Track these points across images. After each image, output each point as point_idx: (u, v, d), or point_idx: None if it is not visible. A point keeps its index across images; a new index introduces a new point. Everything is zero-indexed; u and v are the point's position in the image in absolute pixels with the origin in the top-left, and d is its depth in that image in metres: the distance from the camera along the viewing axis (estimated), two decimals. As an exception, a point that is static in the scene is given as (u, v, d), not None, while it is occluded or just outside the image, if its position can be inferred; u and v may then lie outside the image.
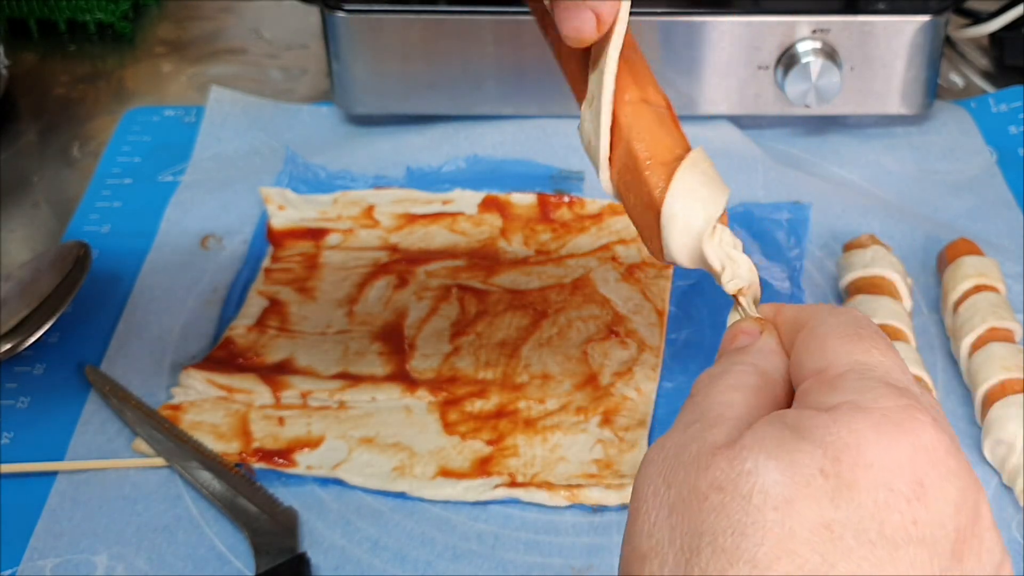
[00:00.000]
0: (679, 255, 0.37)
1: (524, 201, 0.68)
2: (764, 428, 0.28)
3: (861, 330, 0.31)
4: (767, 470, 0.27)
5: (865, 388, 0.28)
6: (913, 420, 0.27)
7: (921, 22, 0.68)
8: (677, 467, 0.28)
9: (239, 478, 0.53)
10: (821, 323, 0.31)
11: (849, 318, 0.31)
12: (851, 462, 0.26)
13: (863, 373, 0.29)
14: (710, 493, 0.27)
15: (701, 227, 0.37)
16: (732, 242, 0.37)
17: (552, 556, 0.50)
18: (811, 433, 0.27)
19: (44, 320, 0.59)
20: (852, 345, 0.30)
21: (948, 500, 0.27)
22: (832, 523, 0.26)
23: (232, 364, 0.59)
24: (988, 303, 0.57)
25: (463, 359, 0.59)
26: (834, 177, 0.71)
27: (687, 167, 0.37)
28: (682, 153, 0.38)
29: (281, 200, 0.68)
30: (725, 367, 0.32)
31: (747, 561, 0.25)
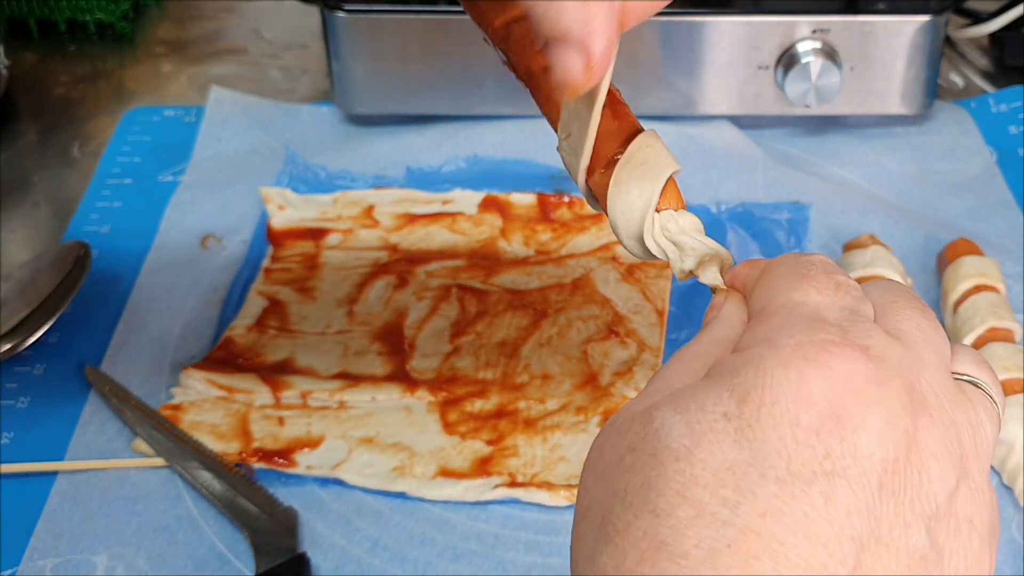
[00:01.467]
0: (637, 253, 0.37)
1: (524, 201, 0.68)
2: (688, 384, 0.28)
3: (807, 269, 0.30)
4: (673, 424, 0.27)
5: (785, 325, 0.28)
6: (826, 352, 0.27)
7: (921, 22, 0.68)
8: (607, 437, 0.29)
9: (239, 478, 0.53)
10: (776, 265, 0.31)
11: (803, 260, 0.31)
12: (756, 402, 0.26)
13: (791, 311, 0.29)
14: (625, 455, 0.27)
15: (636, 226, 0.36)
16: (676, 227, 0.36)
17: (552, 556, 0.50)
18: (721, 378, 0.27)
19: (44, 320, 0.59)
20: (791, 283, 0.30)
21: (869, 429, 0.26)
22: (735, 464, 0.25)
23: (232, 364, 0.59)
24: (988, 303, 0.57)
25: (463, 359, 0.59)
26: (834, 177, 0.71)
27: (620, 167, 0.36)
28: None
29: (281, 200, 0.68)
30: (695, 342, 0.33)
31: (650, 511, 0.26)
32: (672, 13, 0.68)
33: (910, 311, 0.30)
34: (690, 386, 0.28)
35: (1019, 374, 0.53)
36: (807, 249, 0.64)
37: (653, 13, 0.39)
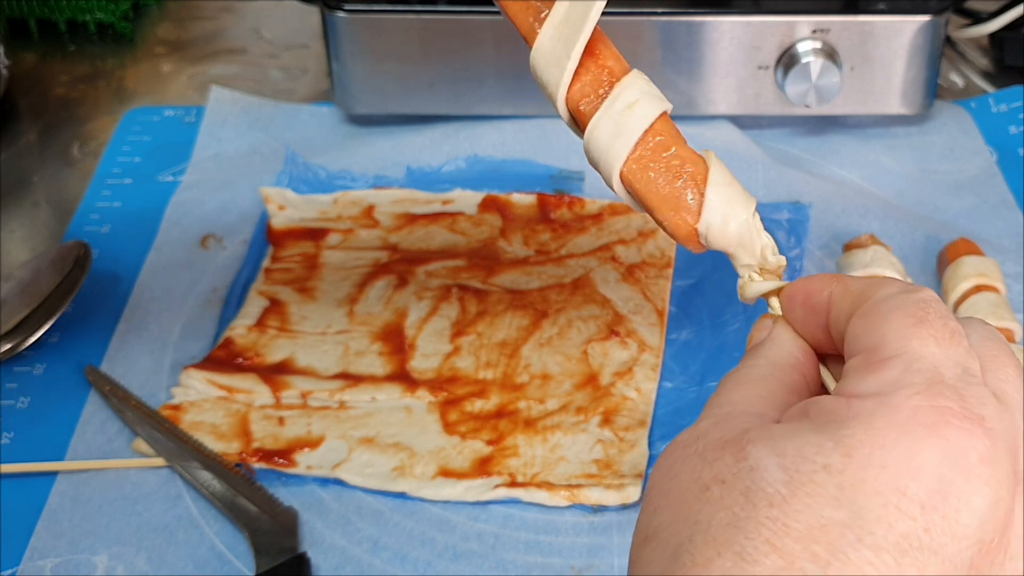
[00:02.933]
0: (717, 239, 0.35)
1: (524, 201, 0.68)
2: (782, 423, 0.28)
3: (924, 312, 0.28)
4: (769, 466, 0.26)
5: (903, 382, 0.27)
6: (944, 423, 0.26)
7: (921, 22, 0.68)
8: (686, 460, 0.28)
9: (239, 478, 0.53)
10: (887, 298, 0.29)
11: (918, 297, 0.29)
12: (863, 461, 0.25)
13: (909, 364, 0.27)
14: (712, 485, 0.27)
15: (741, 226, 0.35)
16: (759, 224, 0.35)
17: (552, 556, 0.50)
18: (828, 426, 0.26)
19: (44, 320, 0.59)
20: (911, 328, 0.28)
21: (973, 511, 0.25)
22: (831, 522, 0.25)
23: (232, 364, 0.59)
24: (988, 303, 0.57)
25: (463, 359, 0.59)
26: (834, 177, 0.71)
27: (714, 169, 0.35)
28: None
29: (281, 200, 0.68)
30: (741, 365, 0.32)
31: (736, 553, 0.25)
32: (672, 13, 0.68)
33: (1011, 369, 0.29)
34: (789, 427, 0.27)
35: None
36: (807, 249, 0.64)
37: None
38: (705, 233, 0.35)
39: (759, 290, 0.35)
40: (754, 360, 0.32)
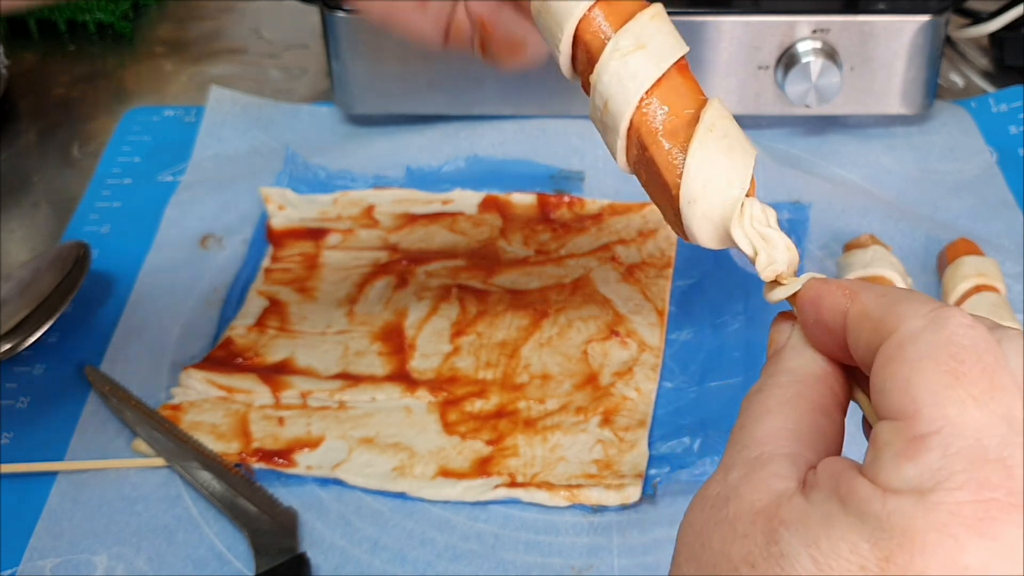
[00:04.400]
0: (705, 240, 0.33)
1: (524, 201, 0.68)
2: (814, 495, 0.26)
3: (961, 364, 0.26)
4: (799, 556, 0.25)
5: (944, 472, 0.25)
6: (992, 519, 0.24)
7: (921, 22, 0.68)
8: (716, 525, 0.27)
9: (239, 478, 0.53)
10: (913, 340, 0.27)
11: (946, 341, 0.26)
12: (903, 565, 0.24)
13: (949, 443, 0.25)
14: (741, 566, 0.26)
15: (727, 209, 0.32)
16: (763, 218, 0.32)
17: (552, 556, 0.50)
18: (864, 521, 0.25)
19: (44, 320, 0.59)
20: (947, 390, 0.25)
21: None
22: None
23: (232, 364, 0.59)
24: (988, 303, 0.57)
25: (463, 359, 0.59)
26: (834, 177, 0.71)
27: (703, 134, 0.32)
28: (696, 111, 0.33)
29: (281, 200, 0.68)
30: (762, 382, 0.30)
31: None
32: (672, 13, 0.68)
33: None
34: (822, 511, 0.25)
35: (1019, 374, 0.53)
36: (807, 249, 0.64)
37: None
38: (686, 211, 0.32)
39: (780, 296, 0.32)
40: (776, 377, 0.30)
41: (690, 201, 0.32)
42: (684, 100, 0.33)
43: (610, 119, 0.34)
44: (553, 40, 0.35)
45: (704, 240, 0.33)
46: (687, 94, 0.34)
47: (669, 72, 0.33)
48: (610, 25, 0.34)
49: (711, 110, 0.33)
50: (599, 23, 0.34)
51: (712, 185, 0.32)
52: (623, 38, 0.33)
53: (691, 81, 0.34)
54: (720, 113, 0.33)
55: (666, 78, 0.33)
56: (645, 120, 0.33)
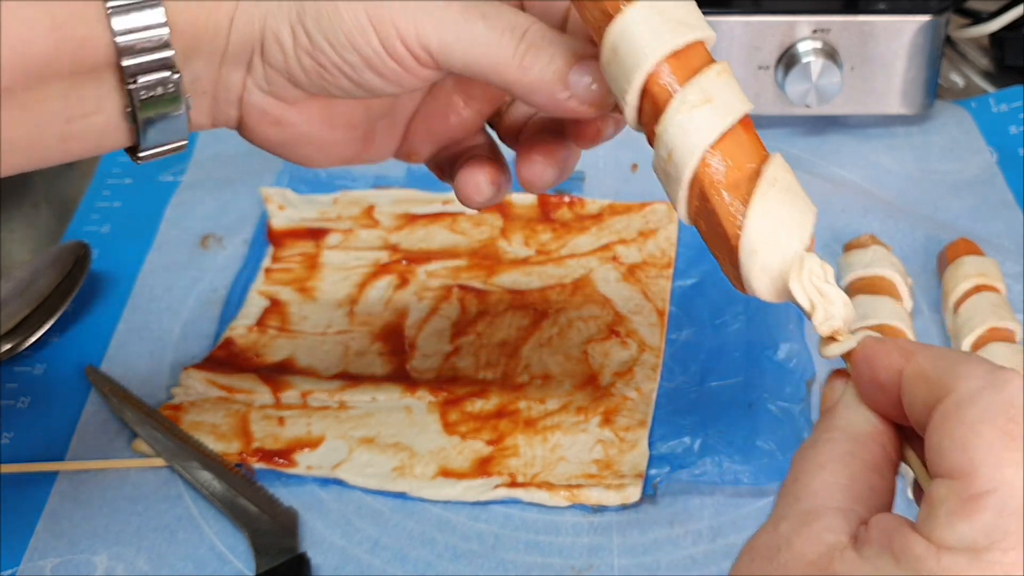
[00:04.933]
0: (762, 292, 0.33)
1: (524, 201, 0.68)
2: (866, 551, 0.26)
3: (1018, 426, 0.26)
4: None
5: (998, 531, 0.25)
6: None
7: (921, 22, 0.68)
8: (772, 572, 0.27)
9: (239, 478, 0.53)
10: (971, 401, 0.27)
11: (1005, 403, 0.27)
12: None
13: (1004, 503, 0.25)
14: None
15: (787, 263, 0.33)
16: (822, 273, 0.33)
17: (552, 556, 0.50)
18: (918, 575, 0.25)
19: (44, 320, 0.59)
20: (1003, 451, 0.26)
21: None
22: None
23: (232, 364, 0.59)
24: (988, 303, 0.57)
25: (463, 359, 0.59)
26: (834, 177, 0.71)
27: (765, 188, 0.33)
28: (758, 166, 0.34)
29: (281, 200, 0.68)
30: (815, 437, 0.30)
31: None
32: (672, 13, 0.68)
33: None
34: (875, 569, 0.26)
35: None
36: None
37: None
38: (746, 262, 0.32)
39: (835, 352, 0.33)
40: (829, 432, 0.30)
41: (750, 252, 0.33)
42: (747, 154, 0.34)
43: (674, 170, 0.34)
44: (620, 90, 0.35)
45: (761, 292, 0.34)
46: (750, 149, 0.34)
47: (734, 127, 0.34)
48: (677, 79, 0.34)
49: (773, 165, 0.34)
50: (667, 77, 0.34)
51: (772, 238, 0.33)
52: (690, 92, 0.34)
53: (754, 137, 0.35)
54: (782, 168, 0.34)
55: (730, 133, 0.34)
56: (708, 172, 0.34)
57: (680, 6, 0.35)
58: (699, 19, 0.35)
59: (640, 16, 0.34)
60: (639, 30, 0.34)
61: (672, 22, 0.34)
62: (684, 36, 0.34)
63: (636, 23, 0.34)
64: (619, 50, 0.35)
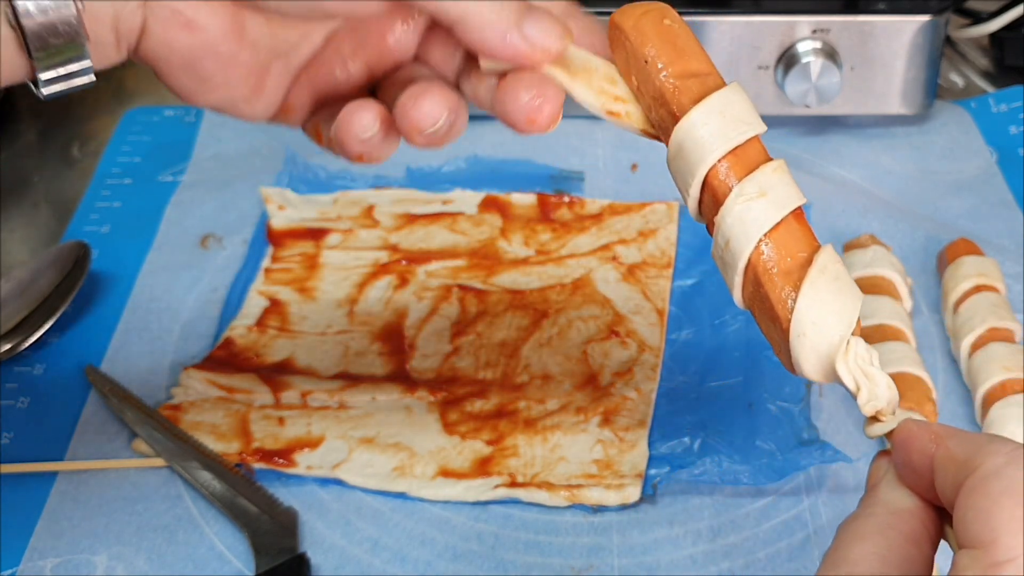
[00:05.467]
0: (811, 374, 0.36)
1: (524, 201, 0.68)
2: None
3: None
4: None
5: None
6: None
7: (921, 22, 0.68)
8: None
9: (239, 478, 0.53)
10: (995, 475, 0.29)
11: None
12: None
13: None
14: None
15: (834, 346, 0.35)
16: (867, 357, 0.35)
17: (552, 556, 0.50)
18: None
19: (44, 320, 0.59)
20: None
21: None
22: None
23: (232, 364, 0.59)
24: (988, 303, 0.57)
25: (463, 359, 0.59)
26: (834, 177, 0.71)
27: (815, 275, 0.35)
28: (809, 255, 0.36)
29: (281, 200, 0.68)
30: (859, 512, 0.32)
31: None
32: (672, 13, 0.68)
33: None
34: None
35: (1019, 374, 0.53)
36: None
37: None
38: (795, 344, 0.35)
39: (877, 433, 0.35)
40: (871, 508, 0.32)
41: (799, 335, 0.35)
42: (799, 244, 0.36)
43: (730, 257, 0.37)
44: (684, 184, 0.38)
45: (809, 372, 0.36)
46: (802, 239, 0.36)
47: (787, 218, 0.36)
48: (735, 174, 0.37)
49: (824, 255, 0.36)
50: (727, 171, 0.37)
51: (821, 322, 0.35)
52: (748, 185, 0.37)
53: (806, 228, 0.37)
54: (832, 258, 0.36)
55: (784, 223, 0.36)
56: (762, 260, 0.36)
57: (738, 104, 0.37)
58: (755, 116, 0.38)
59: (702, 118, 0.37)
60: (702, 131, 0.37)
61: (732, 121, 0.37)
62: (743, 134, 0.37)
63: (700, 124, 0.37)
64: (684, 148, 0.37)
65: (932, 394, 0.53)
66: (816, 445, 0.51)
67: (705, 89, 0.38)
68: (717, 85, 0.38)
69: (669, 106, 0.38)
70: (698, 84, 0.38)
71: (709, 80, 0.38)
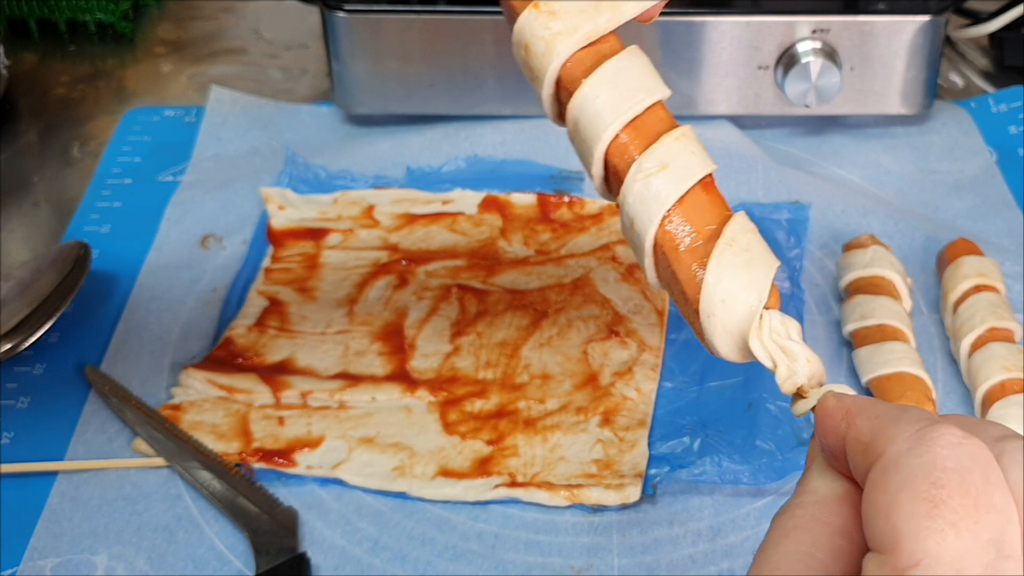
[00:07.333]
0: (726, 353, 0.33)
1: (524, 201, 0.68)
2: None
3: (940, 490, 0.25)
4: None
5: None
6: None
7: (921, 22, 0.68)
8: None
9: (239, 478, 0.53)
10: (894, 466, 0.26)
11: (928, 466, 0.25)
12: None
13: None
14: None
15: (744, 322, 0.32)
16: (783, 330, 0.32)
17: (552, 556, 0.50)
18: None
19: (44, 320, 0.59)
20: (925, 520, 0.24)
21: None
22: None
23: (232, 364, 0.59)
24: (988, 303, 0.57)
25: (463, 359, 0.59)
26: (834, 177, 0.71)
27: (722, 249, 0.33)
28: (718, 227, 0.34)
29: (281, 200, 0.68)
30: (790, 501, 0.30)
31: None
32: (672, 13, 0.68)
33: None
34: None
35: (1019, 374, 0.53)
36: (806, 249, 0.64)
37: None
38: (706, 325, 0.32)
39: (802, 410, 0.32)
40: (800, 496, 0.29)
41: (709, 315, 0.33)
42: (706, 217, 0.34)
43: (636, 238, 0.35)
44: (586, 162, 0.36)
45: (725, 353, 0.33)
46: (710, 210, 0.34)
47: (692, 190, 0.34)
48: (635, 148, 0.34)
49: (733, 224, 0.33)
50: (625, 146, 0.34)
51: (730, 299, 0.32)
52: (646, 160, 0.34)
53: (716, 197, 0.34)
54: (742, 227, 0.34)
55: (688, 196, 0.34)
56: (668, 238, 0.34)
57: (634, 70, 0.35)
58: (655, 81, 0.35)
59: (594, 91, 0.35)
60: (595, 105, 0.35)
61: (628, 90, 0.35)
62: (640, 102, 0.35)
63: (592, 98, 0.35)
64: (579, 124, 0.35)
65: (932, 394, 0.53)
66: (816, 445, 0.51)
67: (599, 59, 0.35)
68: (615, 52, 0.35)
69: (564, 81, 0.36)
70: (592, 55, 0.35)
71: (604, 48, 0.35)
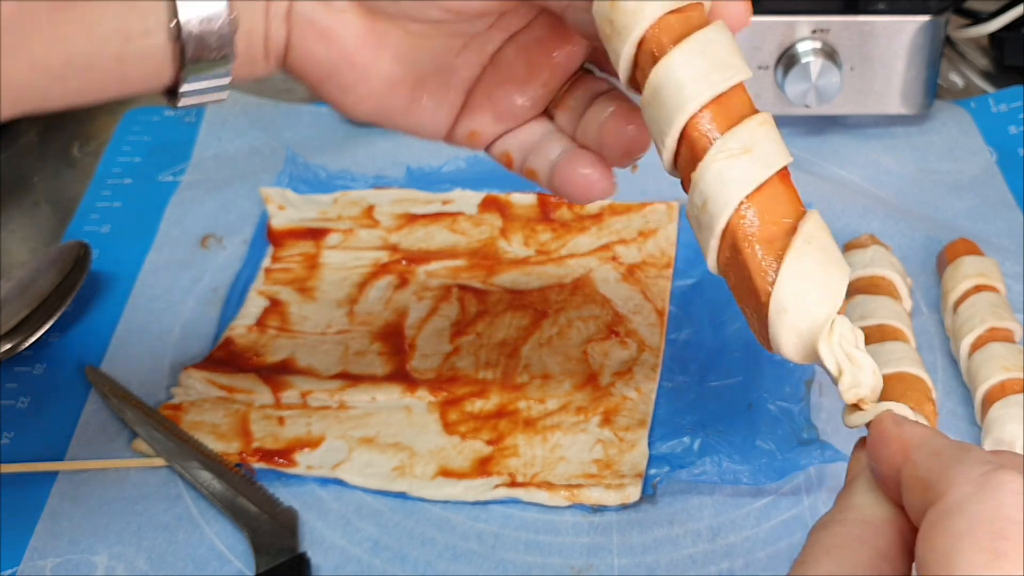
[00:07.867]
0: (789, 352, 0.33)
1: (524, 201, 0.68)
2: None
3: (1003, 542, 0.24)
4: None
5: None
6: None
7: (921, 22, 0.68)
8: None
9: (239, 478, 0.53)
10: (958, 510, 0.25)
11: (992, 515, 0.25)
12: None
13: None
14: None
15: (817, 325, 0.32)
16: (852, 338, 0.32)
17: (552, 556, 0.50)
18: None
19: (44, 320, 0.59)
20: (986, 570, 0.24)
21: None
22: None
23: (232, 364, 0.59)
24: (988, 303, 0.57)
25: (463, 359, 0.59)
26: (834, 177, 0.71)
27: (801, 245, 0.32)
28: (794, 222, 0.33)
29: (281, 200, 0.68)
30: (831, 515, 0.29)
31: None
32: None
33: None
34: None
35: (1019, 374, 0.53)
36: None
37: None
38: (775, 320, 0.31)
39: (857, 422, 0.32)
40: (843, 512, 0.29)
41: (780, 311, 0.32)
42: (783, 208, 0.33)
43: (707, 218, 0.34)
44: (659, 133, 0.35)
45: (788, 352, 0.33)
46: (787, 203, 0.34)
47: (771, 179, 0.33)
48: (718, 126, 0.33)
49: (810, 222, 0.33)
50: (708, 123, 0.33)
51: (804, 298, 0.32)
52: (730, 140, 0.33)
53: (792, 191, 0.34)
54: (819, 226, 0.33)
55: (768, 185, 0.33)
56: (742, 224, 0.33)
57: (723, 45, 0.34)
58: (740, 59, 0.34)
59: (684, 59, 0.33)
60: (683, 74, 0.33)
61: (716, 64, 0.34)
62: (728, 80, 0.34)
63: (680, 67, 0.33)
64: (661, 93, 0.34)
65: (932, 394, 0.53)
66: (816, 445, 0.51)
67: (688, 28, 0.34)
68: (703, 23, 0.34)
69: (648, 45, 0.34)
70: (681, 22, 0.34)
71: (693, 17, 0.34)
